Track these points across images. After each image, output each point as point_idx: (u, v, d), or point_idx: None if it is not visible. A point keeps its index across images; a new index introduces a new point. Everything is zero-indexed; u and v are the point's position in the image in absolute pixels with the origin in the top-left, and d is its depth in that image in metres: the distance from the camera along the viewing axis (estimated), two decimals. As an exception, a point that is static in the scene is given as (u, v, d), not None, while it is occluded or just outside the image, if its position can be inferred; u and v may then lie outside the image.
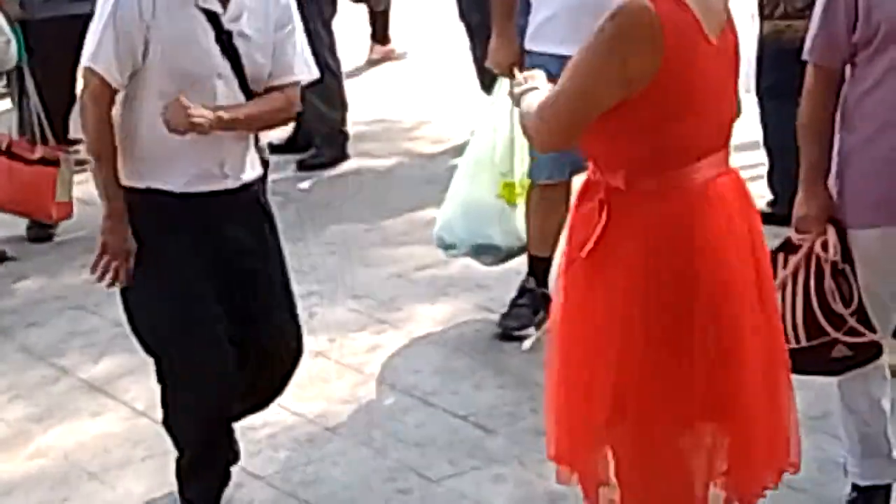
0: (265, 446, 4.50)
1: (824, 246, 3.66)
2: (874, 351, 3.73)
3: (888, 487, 3.92)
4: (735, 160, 7.31)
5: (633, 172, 3.14)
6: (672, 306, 3.13)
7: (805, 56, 3.72)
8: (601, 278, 3.17)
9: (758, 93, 5.51)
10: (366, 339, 5.20)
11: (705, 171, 3.18)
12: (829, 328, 3.67)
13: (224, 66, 3.85)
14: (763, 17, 5.62)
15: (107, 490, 4.30)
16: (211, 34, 3.82)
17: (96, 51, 3.78)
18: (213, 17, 3.82)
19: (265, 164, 4.09)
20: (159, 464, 4.39)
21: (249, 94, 3.91)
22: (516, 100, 3.37)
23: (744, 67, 5.66)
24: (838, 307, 3.67)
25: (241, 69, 3.88)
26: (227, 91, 3.86)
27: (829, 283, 3.67)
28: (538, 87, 3.33)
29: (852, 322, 3.66)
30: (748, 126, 6.31)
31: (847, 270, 3.69)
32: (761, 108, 5.41)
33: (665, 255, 3.13)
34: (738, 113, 3.31)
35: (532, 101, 3.26)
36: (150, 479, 4.33)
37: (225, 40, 3.84)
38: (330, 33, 7.05)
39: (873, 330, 3.69)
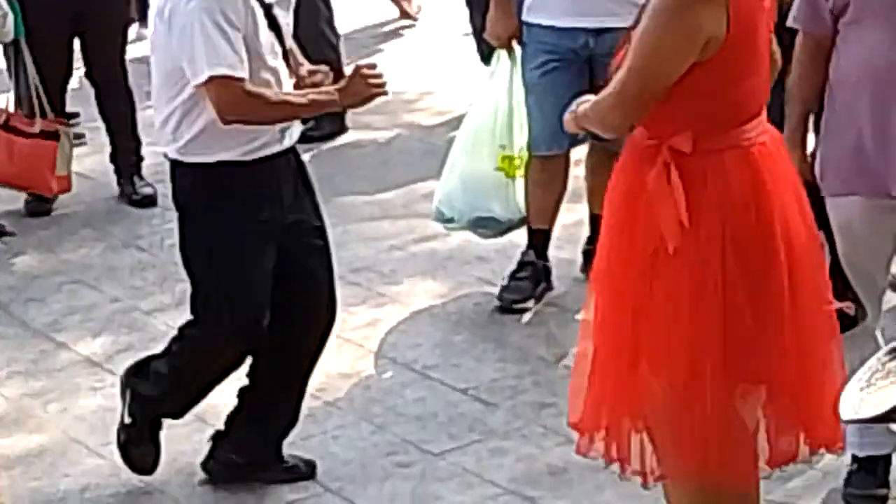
0: (265, 421, 4.48)
1: None
2: (847, 322, 3.70)
3: (888, 457, 3.91)
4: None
5: (699, 133, 3.14)
6: (752, 266, 3.14)
7: (790, 22, 3.76)
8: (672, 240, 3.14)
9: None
10: (365, 314, 5.18)
11: (757, 128, 3.20)
12: None
13: (273, 38, 3.90)
14: None
15: (107, 465, 4.29)
16: (261, 11, 3.86)
17: (218, 56, 3.74)
18: None
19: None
20: (161, 437, 4.38)
21: (287, 59, 3.97)
22: (576, 122, 3.33)
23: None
24: None
25: (282, 38, 3.93)
26: (279, 63, 3.91)
27: None
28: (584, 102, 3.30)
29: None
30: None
31: (822, 237, 3.67)
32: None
33: (739, 215, 3.14)
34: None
35: (589, 100, 3.25)
36: (150, 455, 4.32)
37: (266, 11, 3.89)
38: (328, 6, 7.01)
39: (844, 298, 3.65)
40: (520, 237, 5.24)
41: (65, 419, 4.56)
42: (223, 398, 4.61)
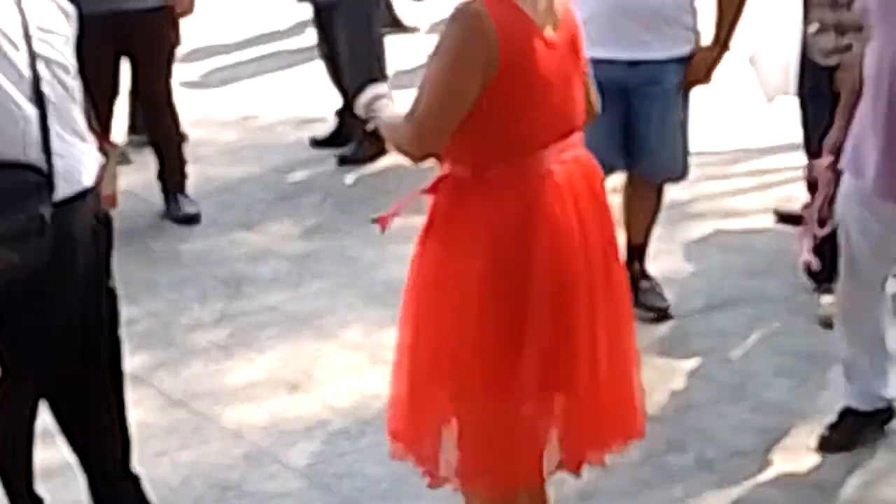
0: (300, 438, 4.54)
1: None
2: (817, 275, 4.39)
3: None
4: (773, 162, 7.33)
5: (480, 163, 3.33)
6: (509, 288, 3.31)
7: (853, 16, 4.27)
8: (449, 262, 3.38)
9: (799, 95, 5.51)
10: (401, 334, 5.22)
11: (550, 158, 3.35)
12: (804, 238, 4.24)
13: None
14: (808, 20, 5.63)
15: (143, 479, 4.34)
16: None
17: None
18: None
19: None
20: (196, 453, 4.45)
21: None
22: (370, 116, 3.56)
23: (784, 70, 5.70)
24: (814, 219, 4.20)
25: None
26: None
27: (814, 206, 4.21)
28: (385, 103, 3.53)
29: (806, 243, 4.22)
30: (786, 128, 6.32)
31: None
32: (803, 110, 5.40)
33: (505, 239, 3.32)
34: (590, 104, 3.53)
35: (391, 116, 3.46)
36: (186, 469, 4.38)
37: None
38: (378, 29, 7.10)
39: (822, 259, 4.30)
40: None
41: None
42: (259, 414, 4.68)
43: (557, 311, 3.34)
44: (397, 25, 9.16)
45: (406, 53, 8.73)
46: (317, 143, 7.35)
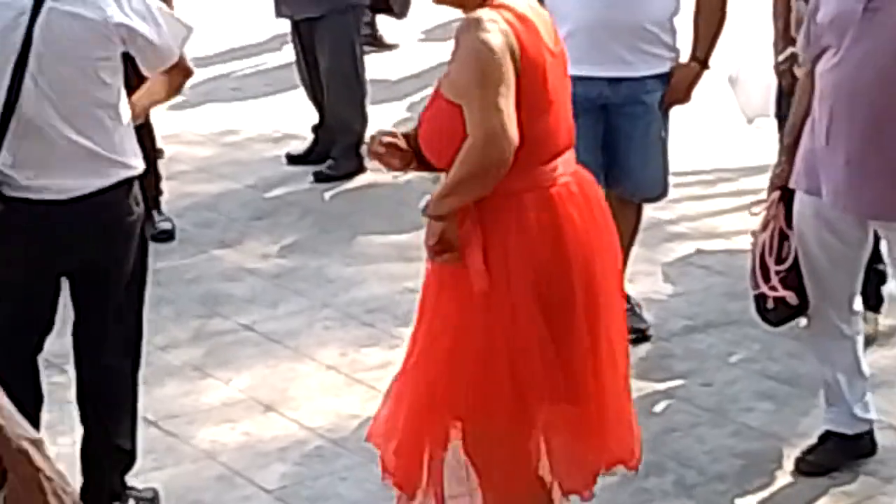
0: (274, 460, 4.49)
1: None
2: (792, 312, 4.18)
3: None
4: (753, 182, 7.30)
5: (507, 174, 3.30)
6: (557, 297, 3.36)
7: (796, 49, 4.29)
8: (488, 280, 3.35)
9: (777, 116, 5.50)
10: (378, 354, 5.18)
11: (562, 167, 3.41)
12: (760, 279, 4.13)
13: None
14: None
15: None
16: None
17: None
18: None
19: None
20: (169, 474, 4.40)
21: None
22: (437, 207, 3.47)
23: (765, 91, 5.68)
24: (770, 261, 4.10)
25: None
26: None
27: (768, 238, 4.13)
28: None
29: (774, 280, 4.10)
30: (765, 149, 6.30)
31: (791, 234, 4.13)
32: (781, 132, 5.40)
33: (539, 255, 3.35)
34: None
35: (449, 172, 3.38)
36: (159, 489, 4.31)
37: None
38: (360, 46, 7.07)
39: (797, 291, 4.12)
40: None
41: (75, 452, 4.55)
42: (234, 434, 4.63)
43: (590, 318, 3.40)
44: (378, 43, 9.13)
45: (387, 70, 8.71)
46: (292, 159, 7.31)
